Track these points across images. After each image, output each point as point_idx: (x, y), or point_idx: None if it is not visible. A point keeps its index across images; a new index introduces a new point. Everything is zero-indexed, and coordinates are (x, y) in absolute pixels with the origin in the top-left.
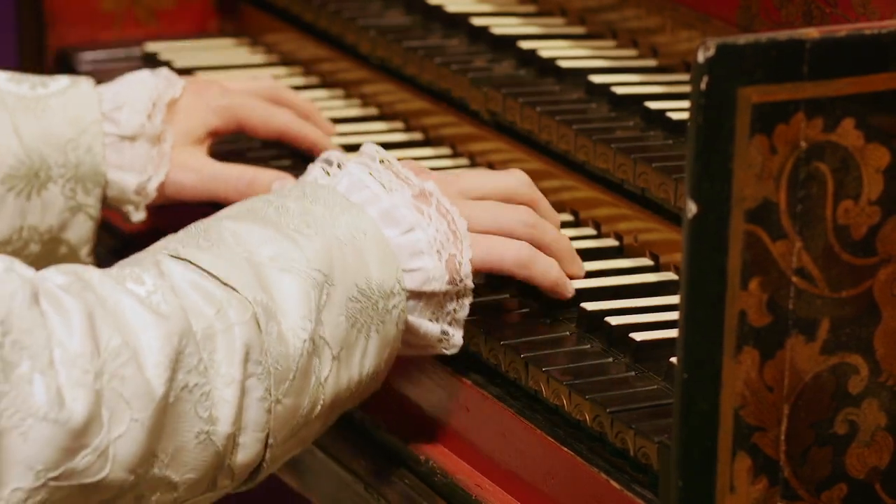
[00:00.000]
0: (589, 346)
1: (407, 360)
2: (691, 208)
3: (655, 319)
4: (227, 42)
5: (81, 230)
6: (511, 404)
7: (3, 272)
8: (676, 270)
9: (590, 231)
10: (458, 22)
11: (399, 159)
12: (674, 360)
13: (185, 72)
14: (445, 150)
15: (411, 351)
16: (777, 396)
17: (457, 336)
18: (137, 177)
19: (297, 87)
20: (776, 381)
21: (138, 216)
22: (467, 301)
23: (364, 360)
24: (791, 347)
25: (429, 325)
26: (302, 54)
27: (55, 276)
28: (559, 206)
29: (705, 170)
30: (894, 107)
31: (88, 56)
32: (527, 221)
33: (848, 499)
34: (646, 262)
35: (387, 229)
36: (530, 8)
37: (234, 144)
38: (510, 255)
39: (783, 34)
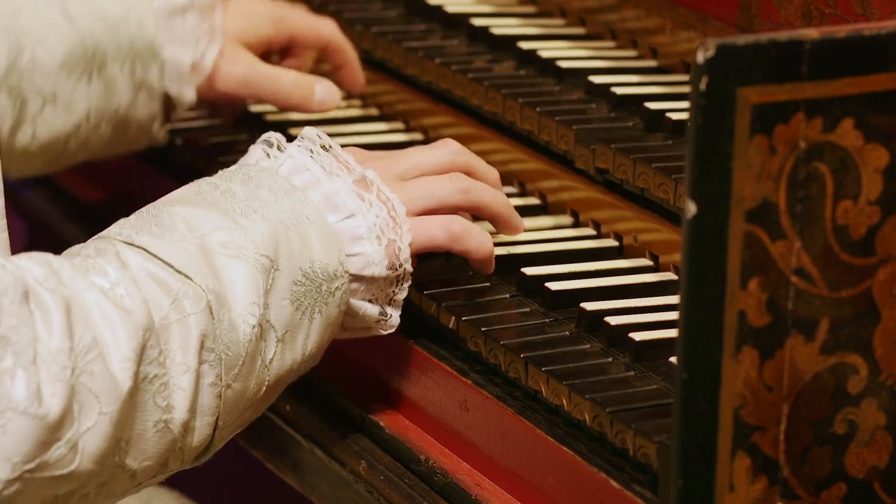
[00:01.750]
0: (589, 346)
1: (407, 360)
2: (691, 208)
3: (655, 319)
4: None
5: (148, 106)
6: (511, 404)
7: None
8: (676, 270)
9: (590, 231)
10: (458, 22)
11: (343, 146)
12: (673, 360)
13: None
14: None
15: (347, 333)
16: (776, 396)
17: (394, 317)
18: (192, 51)
19: None
20: (776, 380)
21: (190, 94)
22: (406, 284)
23: (307, 341)
24: (790, 347)
25: (368, 307)
26: None
27: (32, 267)
28: (559, 207)
29: (705, 170)
30: (893, 107)
31: None
32: (460, 187)
33: (847, 498)
34: (645, 262)
35: (328, 214)
36: (530, 8)
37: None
38: (442, 230)
39: (783, 35)
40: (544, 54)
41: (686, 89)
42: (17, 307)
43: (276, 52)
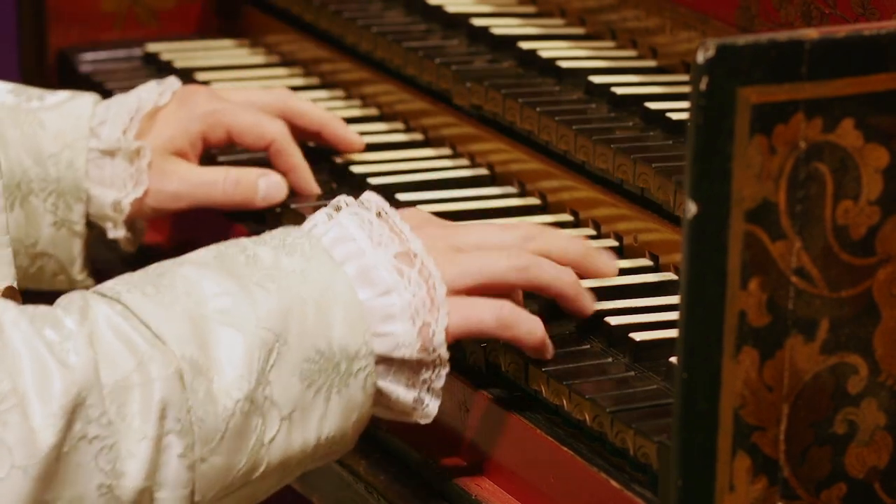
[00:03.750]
0: (589, 346)
1: None
2: (691, 208)
3: (655, 319)
4: (227, 43)
5: (67, 246)
6: (511, 405)
7: None
8: (676, 270)
9: (590, 231)
10: (458, 22)
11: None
12: (674, 360)
13: (185, 72)
14: (446, 151)
15: (391, 415)
16: (776, 396)
17: (432, 405)
18: (115, 193)
19: (297, 88)
20: (776, 380)
21: (116, 233)
22: (443, 371)
23: (324, 423)
24: (790, 347)
25: (402, 392)
26: (302, 55)
27: None
28: (559, 206)
29: (705, 170)
30: (893, 107)
31: (89, 56)
32: (517, 265)
33: (847, 498)
34: (646, 262)
35: (362, 290)
36: (530, 8)
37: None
38: (490, 316)
39: (782, 35)
40: (544, 54)
41: (686, 89)
42: None
43: (218, 147)
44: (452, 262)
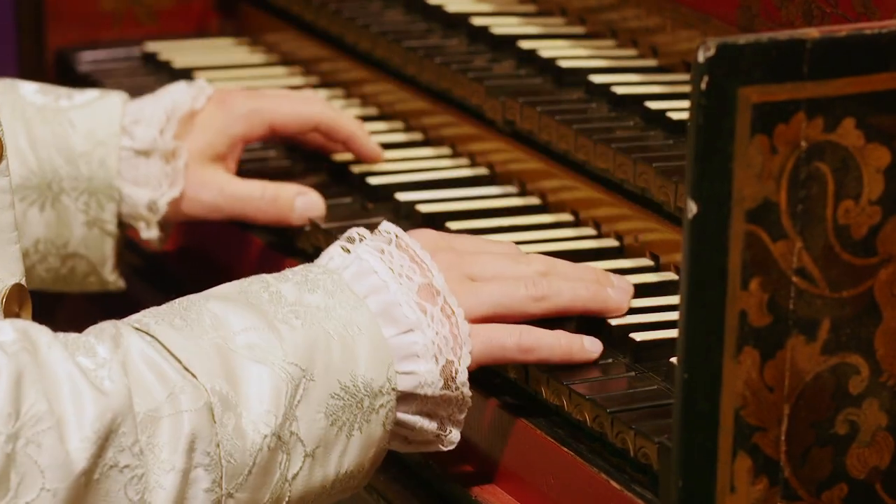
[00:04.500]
0: None
1: None
2: (691, 208)
3: (655, 319)
4: (226, 42)
5: (99, 245)
6: (511, 405)
7: None
8: (676, 270)
9: (590, 231)
10: (458, 22)
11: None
12: (674, 360)
13: (184, 71)
14: (445, 150)
15: (411, 448)
16: (777, 396)
17: (454, 434)
18: (150, 193)
19: (297, 87)
20: (777, 381)
21: (150, 234)
22: (466, 406)
23: (343, 458)
24: (791, 347)
25: (424, 423)
26: (302, 54)
27: (6, 330)
28: (559, 206)
29: (706, 170)
30: (894, 107)
31: (88, 56)
32: (534, 295)
33: (848, 499)
34: (646, 262)
35: (384, 327)
36: (530, 8)
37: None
38: (511, 343)
39: (783, 34)
40: (544, 54)
41: (686, 89)
42: None
43: (261, 142)
44: (470, 292)
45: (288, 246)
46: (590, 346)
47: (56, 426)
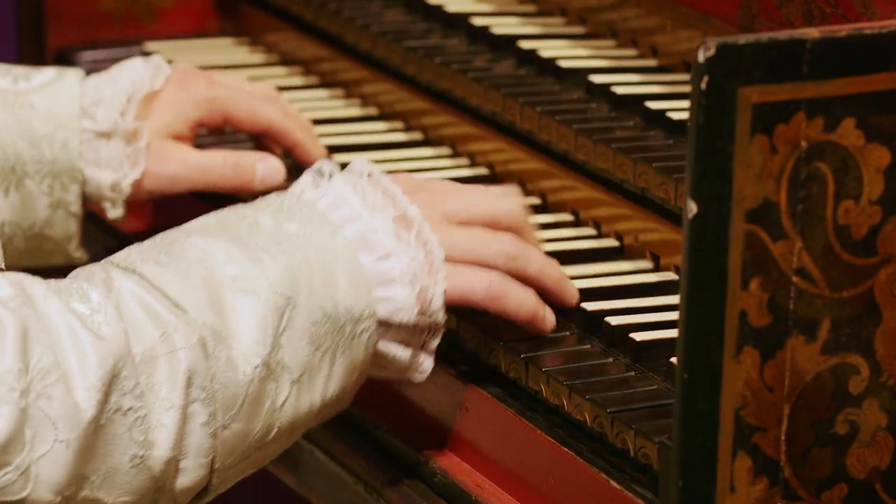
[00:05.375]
0: (589, 346)
1: None
2: (691, 208)
3: (655, 319)
4: (226, 42)
5: (64, 226)
6: (511, 404)
7: None
8: (676, 270)
9: (590, 231)
10: (458, 22)
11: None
12: (674, 360)
13: None
14: (445, 150)
15: (383, 373)
16: (777, 396)
17: (427, 362)
18: (113, 174)
19: (297, 87)
20: (776, 381)
21: (115, 213)
22: (439, 333)
23: (328, 384)
24: (791, 347)
25: (398, 351)
26: (302, 54)
27: (1, 286)
28: (559, 206)
29: (706, 170)
30: (894, 107)
31: (88, 56)
32: (508, 253)
33: (848, 499)
34: (646, 262)
35: (361, 254)
36: (530, 8)
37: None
38: (481, 287)
39: (783, 34)
40: (544, 54)
41: (686, 89)
42: None
43: (215, 130)
44: (447, 234)
45: None
46: (550, 318)
47: (63, 378)
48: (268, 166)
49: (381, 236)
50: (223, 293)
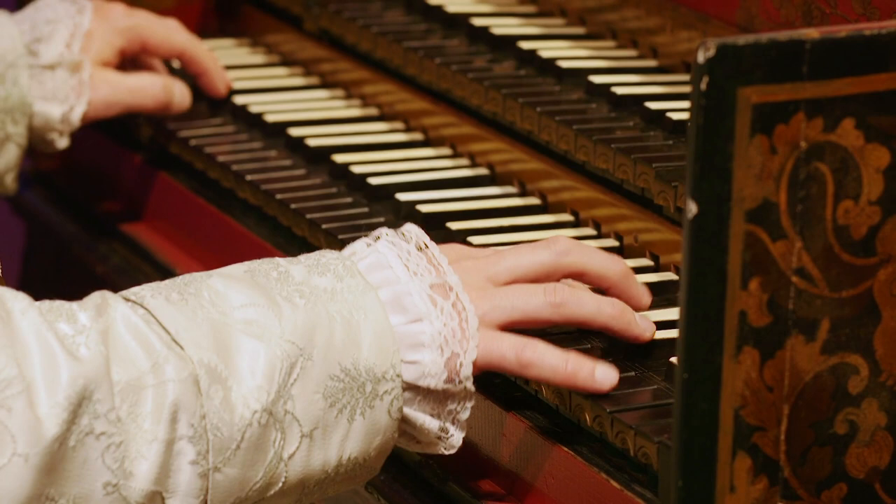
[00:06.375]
0: (589, 346)
1: None
2: (691, 208)
3: (655, 319)
4: (227, 42)
5: (9, 158)
6: (509, 404)
7: None
8: (676, 270)
9: (590, 231)
10: (458, 22)
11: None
12: (674, 360)
13: (185, 71)
14: (446, 151)
15: (416, 446)
16: (777, 396)
17: (456, 436)
18: (61, 106)
19: (297, 87)
20: (776, 381)
21: (63, 143)
22: (469, 404)
23: (346, 443)
24: (791, 347)
25: (427, 420)
26: (302, 54)
27: None
28: (559, 207)
29: (705, 170)
30: (894, 107)
31: None
32: (552, 301)
33: (848, 499)
34: (646, 262)
35: (393, 315)
36: (530, 8)
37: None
38: (511, 354)
39: (783, 34)
40: (544, 54)
41: (686, 89)
42: None
43: (129, 60)
44: (486, 297)
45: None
46: (601, 376)
47: (26, 391)
48: (183, 89)
49: (415, 299)
50: (231, 335)
